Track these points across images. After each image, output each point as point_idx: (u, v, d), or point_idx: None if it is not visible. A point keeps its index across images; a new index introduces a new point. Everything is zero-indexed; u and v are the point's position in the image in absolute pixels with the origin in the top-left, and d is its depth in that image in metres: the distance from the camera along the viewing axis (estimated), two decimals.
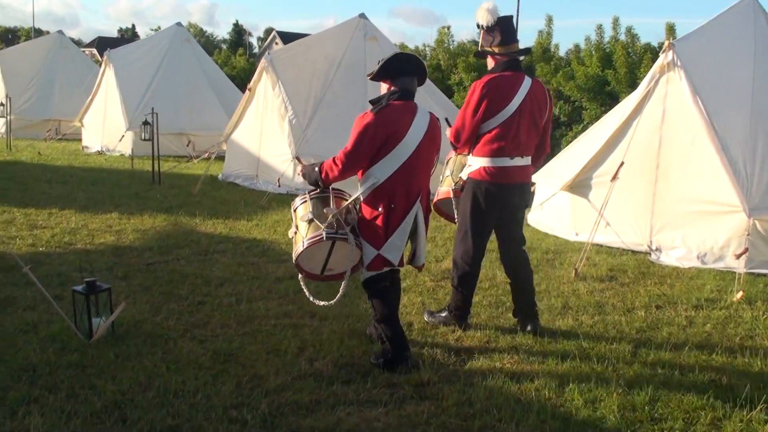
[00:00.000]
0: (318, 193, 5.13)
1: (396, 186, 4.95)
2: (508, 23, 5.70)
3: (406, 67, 5.07)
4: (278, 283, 6.96)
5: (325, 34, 13.79)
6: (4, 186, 11.84)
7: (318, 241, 4.91)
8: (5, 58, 21.60)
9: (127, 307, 5.88)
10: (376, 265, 5.03)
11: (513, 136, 5.54)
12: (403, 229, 5.03)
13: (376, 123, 4.87)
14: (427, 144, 5.05)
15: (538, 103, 5.67)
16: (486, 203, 5.65)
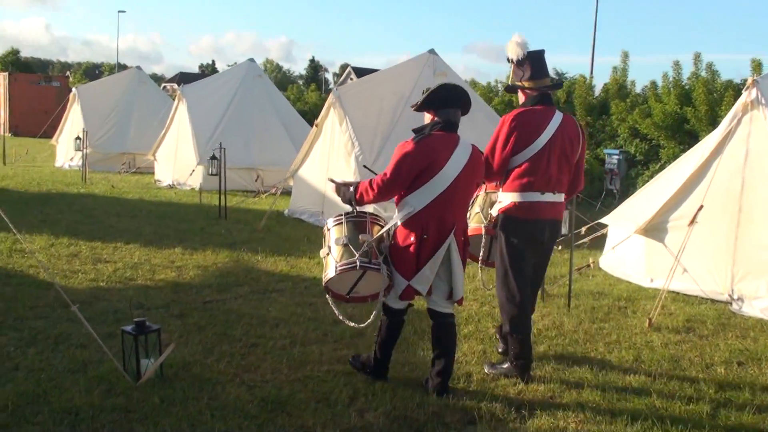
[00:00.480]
0: (353, 217, 5.13)
1: (430, 216, 4.94)
2: (538, 58, 5.67)
3: (450, 99, 5.09)
4: (335, 325, 6.71)
5: (394, 70, 13.67)
6: (75, 219, 11.99)
7: (351, 269, 4.93)
8: (85, 92, 22.18)
9: (177, 348, 5.74)
10: (408, 295, 5.07)
11: (543, 170, 5.45)
12: (435, 261, 4.98)
13: (416, 152, 4.90)
14: (467, 177, 5.03)
15: (569, 138, 5.56)
16: (520, 239, 5.50)
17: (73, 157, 20.62)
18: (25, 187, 16.12)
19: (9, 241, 9.82)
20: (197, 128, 16.92)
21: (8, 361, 5.51)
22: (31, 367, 5.38)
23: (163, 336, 6.04)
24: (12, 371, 5.31)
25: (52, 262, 8.82)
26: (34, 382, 5.09)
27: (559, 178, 5.54)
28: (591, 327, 6.98)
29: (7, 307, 6.85)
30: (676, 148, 15.14)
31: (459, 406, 4.98)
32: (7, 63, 71.22)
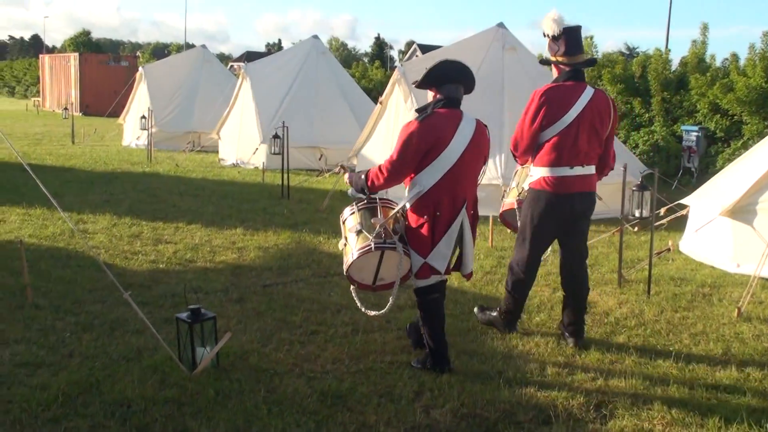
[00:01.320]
0: (366, 204, 5.16)
1: (441, 194, 4.97)
2: (574, 34, 5.69)
3: (451, 75, 5.09)
4: (399, 311, 6.40)
5: (461, 45, 13.17)
6: (138, 198, 11.93)
7: (367, 251, 4.93)
8: (151, 72, 22.24)
9: (234, 335, 5.50)
10: (424, 273, 5.05)
11: (572, 145, 5.52)
12: (450, 237, 5.02)
13: (420, 131, 4.91)
14: (473, 151, 5.05)
15: (599, 113, 5.60)
16: (546, 212, 5.62)
17: (139, 136, 20.70)
18: (92, 166, 16.21)
19: (73, 221, 9.77)
20: (261, 106, 16.74)
21: (63, 347, 5.35)
22: (86, 354, 5.21)
23: (221, 322, 5.84)
24: (66, 358, 5.14)
25: (113, 243, 8.71)
26: (88, 370, 4.91)
27: (588, 151, 5.60)
28: (674, 316, 6.50)
29: (66, 290, 6.73)
30: (761, 124, 14.28)
31: (533, 404, 4.61)
32: (78, 44, 72.78)
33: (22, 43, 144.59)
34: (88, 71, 38.80)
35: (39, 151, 18.86)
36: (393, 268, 5.06)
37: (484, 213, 10.63)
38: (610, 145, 5.80)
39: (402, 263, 4.99)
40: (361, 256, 4.95)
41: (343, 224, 5.25)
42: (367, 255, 4.96)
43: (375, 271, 5.15)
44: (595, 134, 5.61)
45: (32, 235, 8.84)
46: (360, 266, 5.09)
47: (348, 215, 5.20)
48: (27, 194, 11.53)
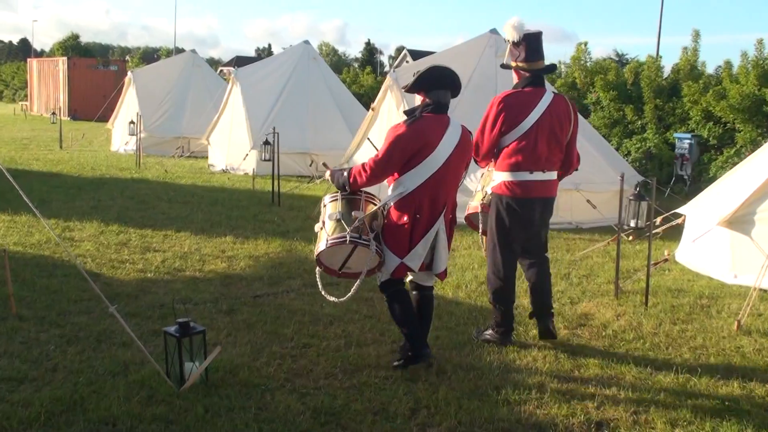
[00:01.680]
0: (349, 194, 5.23)
1: (423, 196, 5.05)
2: (534, 40, 5.79)
3: (440, 81, 5.16)
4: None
5: (454, 51, 13.09)
6: (126, 205, 11.74)
7: (341, 242, 5.02)
8: (140, 76, 22.02)
9: (224, 349, 5.36)
10: (400, 272, 5.18)
11: (531, 150, 5.61)
12: (427, 240, 5.12)
13: (408, 135, 4.99)
14: (458, 156, 5.14)
15: (558, 118, 5.69)
16: (509, 217, 5.73)
17: (128, 142, 20.47)
18: (80, 171, 15.98)
19: (59, 228, 9.60)
20: (251, 112, 16.58)
21: (47, 361, 5.18)
22: (70, 369, 5.04)
23: (210, 335, 5.70)
24: (50, 373, 4.98)
25: (100, 251, 8.52)
26: (72, 386, 4.74)
27: (549, 157, 5.70)
28: (672, 329, 6.38)
29: (51, 300, 6.55)
30: (754, 131, 14.22)
31: (532, 422, 4.48)
32: (67, 48, 72.32)
33: (11, 47, 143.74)
34: (76, 75, 38.54)
35: (26, 156, 18.63)
36: (362, 262, 5.14)
37: None
38: (572, 149, 5.92)
39: (370, 260, 5.08)
40: (334, 245, 5.04)
41: (323, 208, 5.31)
42: (340, 246, 5.05)
43: (344, 260, 5.23)
44: (555, 139, 5.71)
45: (17, 243, 8.65)
46: (331, 253, 5.16)
47: (329, 201, 5.29)
48: (13, 201, 11.29)
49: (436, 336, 5.92)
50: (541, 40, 5.86)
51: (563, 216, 11.18)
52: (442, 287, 7.42)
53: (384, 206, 5.19)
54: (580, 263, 8.77)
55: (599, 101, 17.54)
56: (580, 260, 8.91)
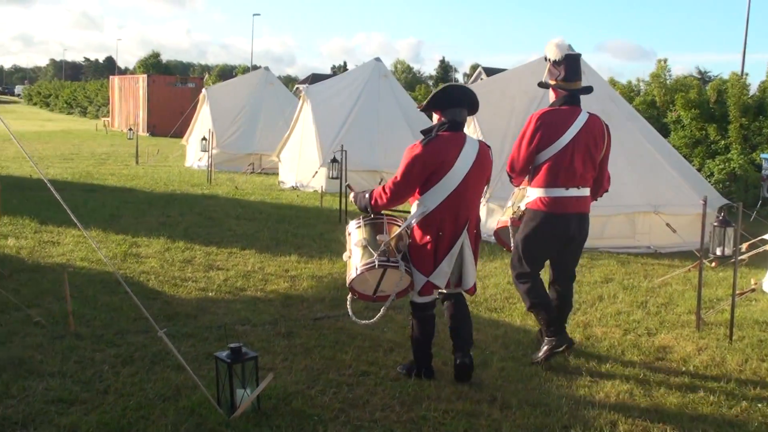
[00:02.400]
0: (371, 219, 5.30)
1: (445, 214, 5.12)
2: (574, 61, 5.94)
3: (455, 99, 5.24)
4: None
5: (526, 69, 12.71)
6: (194, 221, 11.74)
7: (371, 267, 5.09)
8: (214, 93, 22.25)
9: (279, 374, 5.18)
10: (427, 290, 5.23)
11: (567, 166, 5.70)
12: (452, 256, 5.18)
13: (424, 155, 5.06)
14: (477, 173, 5.19)
15: (593, 137, 5.81)
16: (541, 232, 5.78)
17: (201, 158, 20.68)
18: (152, 186, 16.17)
19: (126, 244, 9.61)
20: (321, 129, 16.51)
21: (99, 382, 5.06)
22: (121, 392, 4.90)
23: (267, 358, 5.53)
24: (101, 395, 4.85)
25: (164, 268, 8.47)
26: (121, 410, 4.60)
27: (583, 174, 5.80)
28: (760, 366, 5.89)
29: (110, 318, 6.48)
30: None
31: None
32: (148, 66, 74.41)
33: (97, 64, 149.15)
34: (155, 92, 39.44)
35: (102, 171, 18.98)
36: (393, 283, 5.24)
37: None
38: (604, 168, 6.04)
39: (402, 281, 5.19)
40: (365, 272, 5.12)
41: (348, 236, 5.38)
42: (371, 271, 5.14)
43: (376, 285, 5.31)
44: (590, 157, 5.81)
45: (84, 259, 8.68)
46: (362, 279, 5.25)
47: (354, 228, 5.34)
48: (84, 215, 11.45)
49: (502, 367, 5.61)
50: (580, 62, 6.05)
51: (641, 240, 10.70)
52: (510, 314, 7.11)
53: (407, 226, 5.24)
54: (658, 291, 8.30)
55: (680, 120, 16.90)
56: (659, 287, 8.44)
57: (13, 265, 8.10)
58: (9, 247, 9.15)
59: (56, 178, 16.63)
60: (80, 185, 15.80)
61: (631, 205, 10.72)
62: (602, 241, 10.56)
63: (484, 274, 8.85)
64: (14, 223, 10.56)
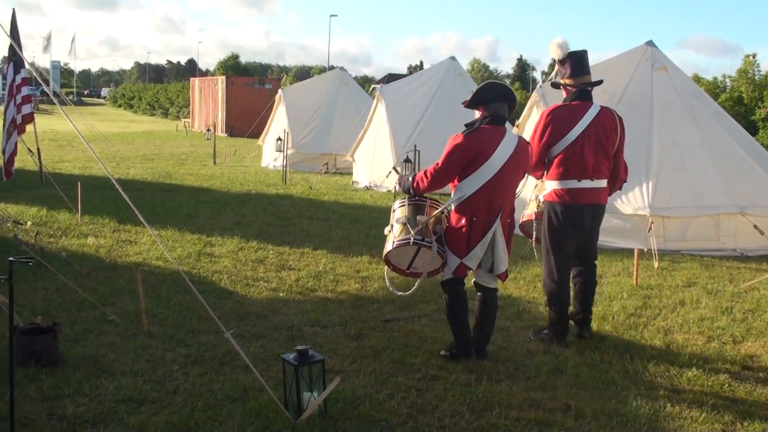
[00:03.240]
0: (416, 200, 5.72)
1: (480, 201, 5.46)
2: (578, 57, 6.24)
3: (497, 95, 5.59)
4: (529, 357, 5.80)
5: (605, 65, 12.32)
6: (268, 221, 11.82)
7: (405, 243, 5.55)
8: (290, 94, 22.43)
9: (348, 376, 5.12)
10: (460, 271, 5.61)
11: (577, 159, 5.99)
12: (484, 241, 5.52)
13: (465, 144, 5.44)
14: (513, 165, 5.52)
15: (605, 130, 6.05)
16: (559, 223, 6.09)
17: (276, 158, 20.88)
18: (228, 187, 16.38)
19: (201, 243, 9.72)
20: (395, 128, 16.46)
21: (169, 382, 5.08)
22: (191, 392, 4.91)
23: (335, 361, 5.48)
24: (170, 395, 4.87)
25: (237, 267, 8.53)
26: (189, 411, 4.60)
27: (596, 166, 6.04)
28: None
29: (182, 318, 6.52)
30: None
31: None
32: (227, 67, 75.81)
33: (179, 67, 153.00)
34: (233, 93, 40.10)
35: (181, 171, 19.34)
36: (426, 262, 5.65)
37: (629, 245, 9.86)
38: (619, 159, 6.27)
39: (433, 261, 5.60)
40: (400, 246, 5.59)
41: (392, 213, 5.86)
42: (406, 247, 5.59)
43: (410, 260, 5.79)
44: (602, 149, 6.06)
45: (159, 258, 8.80)
46: (398, 253, 5.74)
47: (398, 206, 5.82)
48: (162, 215, 11.67)
49: (576, 374, 5.41)
50: (585, 57, 6.31)
51: (726, 242, 10.26)
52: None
53: (445, 210, 5.64)
54: (744, 296, 7.92)
55: None
56: (745, 292, 8.05)
57: (91, 264, 8.27)
58: (88, 245, 9.37)
59: (137, 179, 17.03)
60: (159, 185, 16.13)
61: (715, 206, 10.29)
62: (684, 243, 10.18)
63: None
64: (94, 222, 10.82)
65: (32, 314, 5.97)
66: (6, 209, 11.14)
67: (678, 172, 10.50)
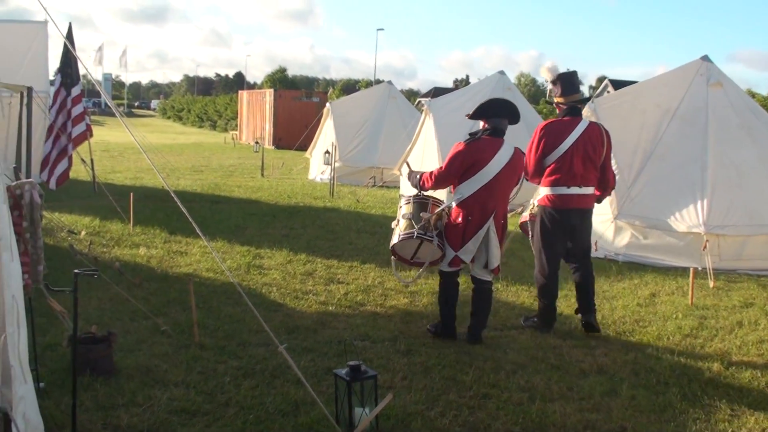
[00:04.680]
0: (420, 199, 6.51)
1: (475, 203, 6.25)
2: (567, 78, 7.00)
3: (498, 110, 6.41)
4: (583, 377, 5.69)
5: (658, 81, 12.18)
6: (316, 234, 11.85)
7: (409, 237, 6.36)
8: (338, 107, 22.53)
9: (398, 393, 5.08)
10: (455, 263, 6.42)
11: (567, 168, 6.73)
12: (477, 238, 6.30)
13: (465, 151, 6.28)
14: (507, 172, 6.33)
15: (592, 143, 6.81)
16: (550, 224, 6.85)
17: (324, 171, 20.97)
18: (276, 199, 16.48)
19: (250, 255, 9.78)
20: (443, 143, 16.36)
21: (221, 394, 5.10)
22: (242, 404, 4.92)
23: (386, 377, 5.44)
24: (222, 407, 4.88)
25: (286, 280, 8.55)
26: (241, 423, 4.61)
27: (584, 174, 6.78)
28: None
29: (233, 330, 6.55)
30: None
31: None
32: (275, 80, 76.59)
33: (227, 79, 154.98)
34: (281, 106, 40.42)
35: (229, 183, 19.51)
36: (428, 254, 6.50)
37: (683, 264, 9.66)
38: (607, 169, 7.01)
39: (434, 253, 6.44)
40: (404, 239, 6.40)
41: (399, 209, 6.64)
42: (410, 240, 6.40)
43: (414, 251, 6.57)
44: (589, 160, 6.80)
45: (209, 269, 8.87)
46: (402, 246, 6.57)
47: (404, 203, 6.59)
48: (212, 226, 11.78)
49: (632, 395, 5.30)
50: (575, 78, 7.08)
51: None
52: (640, 339, 6.76)
53: (446, 208, 6.40)
54: None
55: None
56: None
57: (143, 274, 8.37)
58: (140, 256, 9.48)
59: (186, 190, 17.22)
60: (208, 197, 16.29)
61: None
62: (741, 262, 9.94)
63: (611, 294, 8.48)
64: (146, 233, 10.96)
65: (87, 323, 6.04)
66: (60, 218, 11.35)
67: (734, 189, 10.27)
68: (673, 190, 10.41)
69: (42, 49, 16.52)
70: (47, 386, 4.97)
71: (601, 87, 74.99)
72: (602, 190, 7.03)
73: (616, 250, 10.55)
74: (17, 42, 15.87)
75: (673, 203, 10.28)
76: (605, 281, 9.12)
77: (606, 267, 9.90)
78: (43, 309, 5.89)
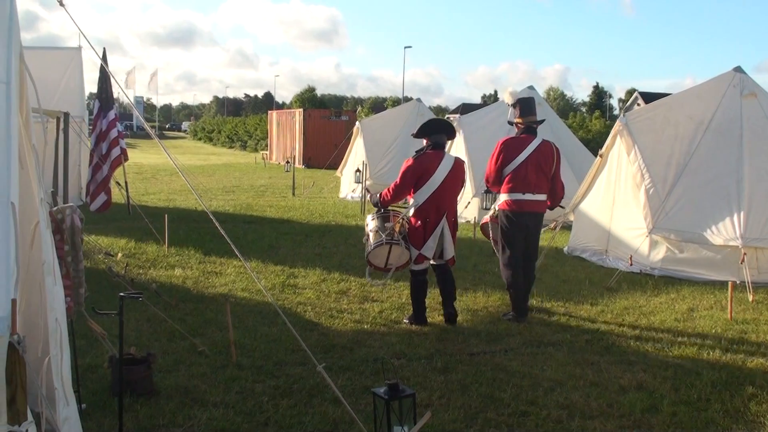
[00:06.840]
0: (382, 213, 7.55)
1: (430, 207, 7.38)
2: (525, 102, 8.11)
3: (437, 128, 7.65)
4: (622, 394, 5.63)
5: (691, 93, 12.09)
6: (348, 252, 11.88)
7: (381, 245, 7.37)
8: (368, 126, 22.63)
9: (436, 412, 5.05)
10: (420, 259, 7.50)
11: (522, 178, 7.81)
12: (435, 235, 7.43)
13: (414, 165, 7.40)
14: (452, 179, 7.45)
15: (544, 157, 7.90)
16: (509, 225, 7.93)
17: (354, 189, 21.05)
18: (308, 218, 16.56)
19: (284, 275, 9.83)
20: (474, 159, 16.39)
21: (260, 413, 5.13)
22: (281, 424, 4.95)
23: (423, 395, 5.43)
24: (261, 427, 4.91)
25: (320, 299, 8.59)
26: None
27: (537, 183, 7.87)
28: None
29: (270, 349, 6.58)
30: None
31: None
32: (304, 100, 77.11)
33: (256, 100, 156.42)
34: (310, 126, 40.65)
35: (261, 203, 19.65)
36: (397, 257, 7.47)
37: (720, 278, 9.55)
38: (556, 180, 8.09)
39: (402, 255, 7.48)
40: (376, 248, 7.38)
41: (366, 226, 7.69)
42: (381, 247, 7.37)
43: (386, 258, 7.47)
44: (541, 171, 7.88)
45: (244, 289, 8.93)
46: (375, 254, 7.48)
47: (370, 220, 7.64)
48: (245, 246, 11.87)
49: (673, 412, 5.23)
50: (531, 102, 8.17)
51: None
52: (680, 354, 6.68)
53: (405, 216, 7.45)
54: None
55: None
56: None
57: (179, 295, 8.45)
58: (176, 276, 9.58)
59: (219, 210, 17.37)
60: (241, 217, 16.42)
61: None
62: None
63: (648, 309, 8.41)
64: (180, 254, 11.08)
65: (126, 344, 6.09)
66: (97, 241, 11.51)
67: None
68: (709, 203, 10.30)
69: (77, 75, 16.88)
70: (89, 408, 5.03)
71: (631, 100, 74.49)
72: (551, 199, 8.10)
73: (651, 264, 10.44)
74: (53, 68, 16.20)
75: (708, 216, 10.17)
76: (642, 296, 9.04)
77: (642, 282, 9.82)
78: (83, 330, 5.98)
